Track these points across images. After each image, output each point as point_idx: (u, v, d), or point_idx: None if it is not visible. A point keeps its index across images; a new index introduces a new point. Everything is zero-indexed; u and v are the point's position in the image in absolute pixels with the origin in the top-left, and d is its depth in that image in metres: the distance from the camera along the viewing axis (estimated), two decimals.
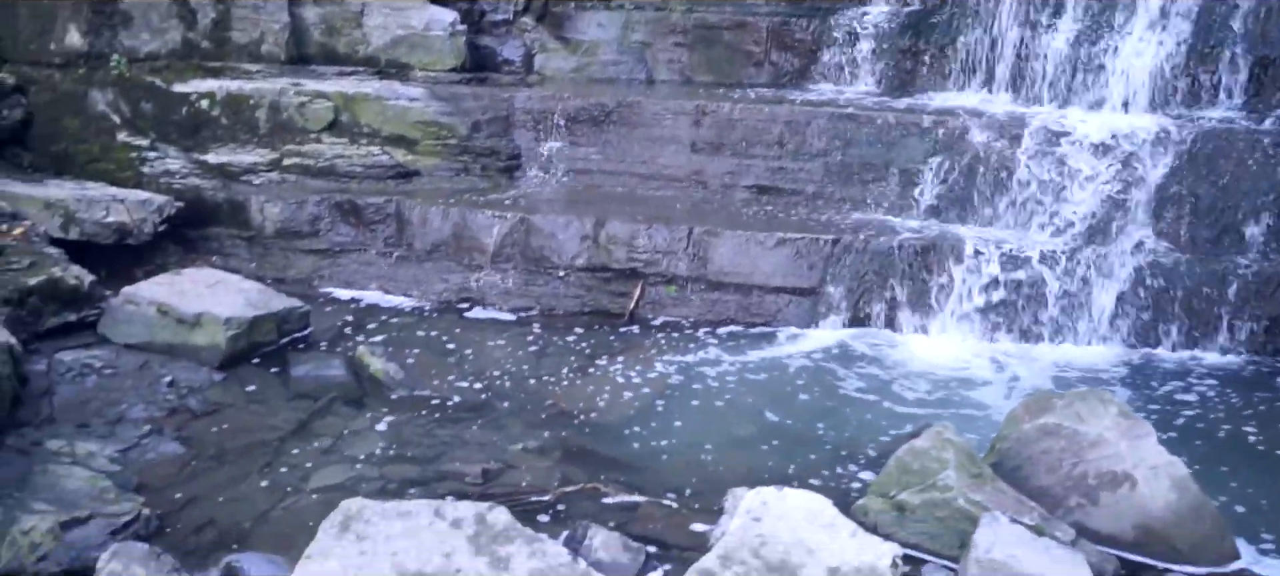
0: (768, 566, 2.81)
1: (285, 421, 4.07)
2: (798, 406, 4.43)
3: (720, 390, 4.58)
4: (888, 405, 4.45)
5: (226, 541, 3.26)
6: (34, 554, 3.02)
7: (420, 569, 2.90)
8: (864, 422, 4.29)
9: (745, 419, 4.31)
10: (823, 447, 4.05)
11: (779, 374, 4.77)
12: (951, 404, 4.48)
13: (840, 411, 4.39)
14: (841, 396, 4.54)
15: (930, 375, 4.75)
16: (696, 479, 3.75)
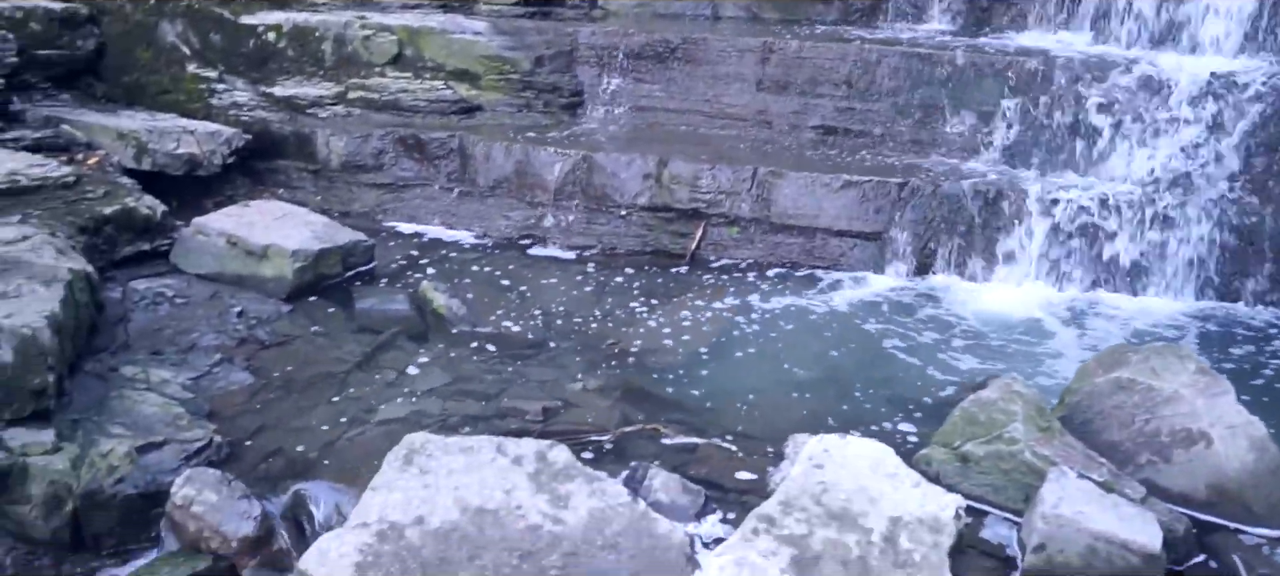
0: (829, 514, 2.79)
1: (350, 354, 4.12)
2: (860, 352, 4.38)
3: (781, 334, 4.54)
4: (953, 354, 4.37)
5: (294, 470, 3.33)
6: (112, 476, 3.12)
7: (482, 504, 2.93)
8: (928, 371, 4.22)
9: (806, 363, 4.27)
10: (885, 395, 4.00)
11: (841, 319, 4.71)
12: (1019, 354, 4.38)
13: (904, 359, 4.32)
14: (905, 343, 4.46)
15: (998, 324, 4.65)
16: (756, 423, 3.73)
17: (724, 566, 2.57)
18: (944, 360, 4.31)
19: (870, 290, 5.02)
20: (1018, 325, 4.66)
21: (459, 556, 2.75)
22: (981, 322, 4.67)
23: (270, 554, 3.03)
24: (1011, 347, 4.45)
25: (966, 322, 4.68)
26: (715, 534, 3.07)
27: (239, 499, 3.04)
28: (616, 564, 2.79)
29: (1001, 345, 4.47)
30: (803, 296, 4.94)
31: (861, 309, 4.81)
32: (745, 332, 4.54)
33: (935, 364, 4.28)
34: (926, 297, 4.94)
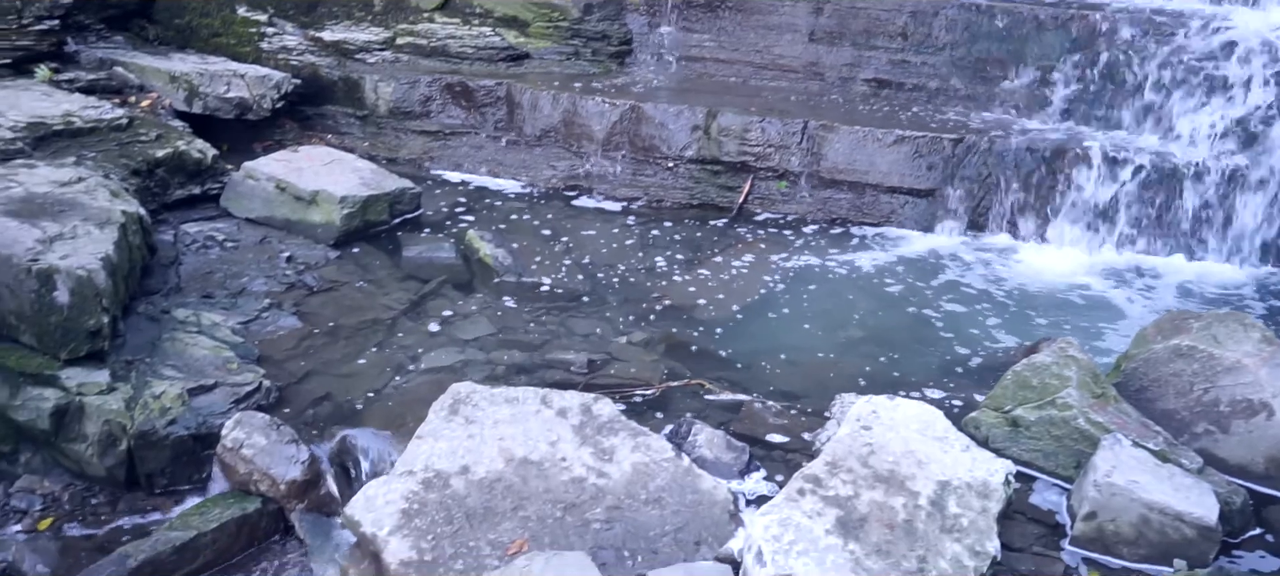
0: (876, 476, 2.76)
1: (397, 301, 4.14)
2: (909, 312, 4.31)
3: (828, 291, 4.48)
4: (1005, 315, 4.28)
5: (341, 415, 3.36)
6: (164, 417, 3.17)
7: (526, 454, 2.94)
8: (979, 332, 4.14)
9: (854, 322, 4.21)
10: (934, 356, 3.94)
11: (891, 277, 4.63)
12: (1073, 318, 4.29)
13: (954, 319, 4.25)
14: (956, 304, 4.38)
15: (1052, 286, 4.55)
16: (802, 381, 3.70)
17: (769, 525, 2.56)
18: (995, 321, 4.23)
19: (921, 248, 4.93)
20: (1073, 287, 4.55)
21: (503, 506, 2.76)
22: (1035, 284, 4.57)
23: (317, 498, 3.06)
24: (1066, 310, 4.35)
25: (1019, 283, 4.58)
26: (758, 492, 3.05)
27: (287, 443, 3.07)
28: (660, 519, 2.79)
29: (1055, 307, 4.37)
30: (851, 253, 4.87)
31: (911, 267, 4.73)
32: (792, 289, 4.49)
33: (986, 325, 4.20)
34: (979, 257, 4.84)
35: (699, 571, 2.53)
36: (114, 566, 2.75)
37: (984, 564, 2.58)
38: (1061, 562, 2.83)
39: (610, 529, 2.75)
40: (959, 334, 4.12)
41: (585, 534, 2.72)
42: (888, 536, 2.59)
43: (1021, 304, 4.39)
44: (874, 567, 2.49)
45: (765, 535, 2.53)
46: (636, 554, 2.69)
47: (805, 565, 2.47)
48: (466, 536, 2.67)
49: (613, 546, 2.70)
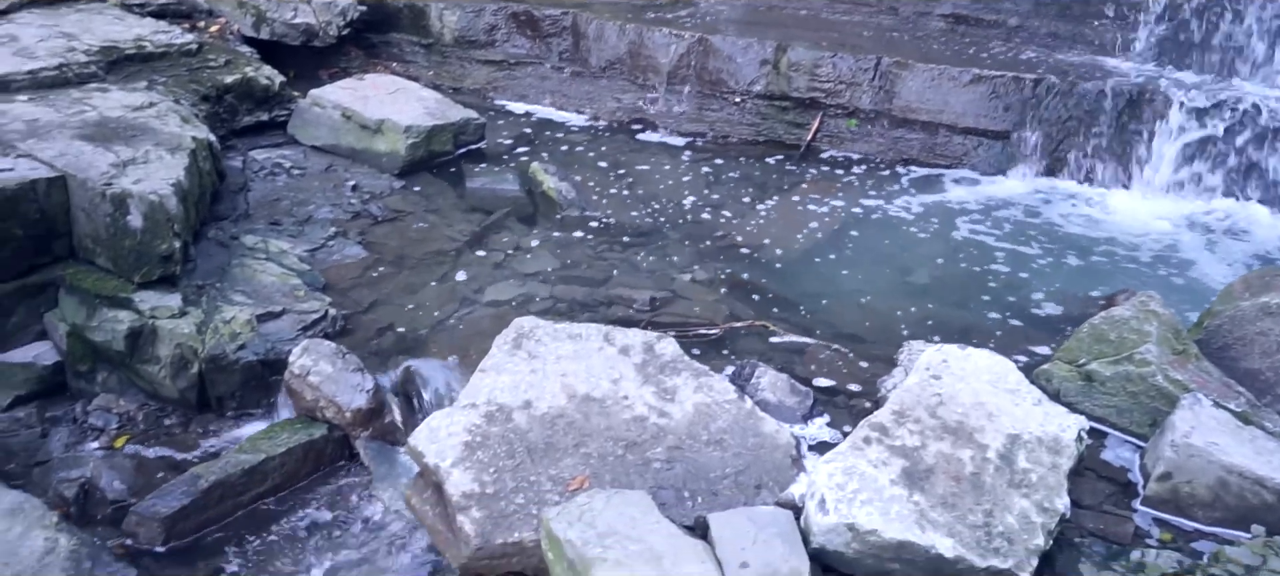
0: (944, 427, 2.70)
1: (460, 233, 4.14)
2: (980, 258, 4.19)
3: (897, 234, 4.38)
4: (1081, 265, 4.15)
5: (405, 346, 3.38)
6: (234, 342, 3.22)
7: (588, 392, 2.93)
8: (1053, 282, 4.02)
9: (922, 266, 4.12)
10: (1005, 304, 3.83)
11: (962, 221, 4.51)
12: (1153, 270, 4.14)
13: (1027, 267, 4.13)
14: (1029, 251, 4.26)
15: (1131, 236, 4.39)
16: (868, 326, 3.63)
17: (833, 473, 2.52)
18: (1071, 271, 4.10)
19: (994, 192, 4.79)
20: (1154, 238, 4.39)
21: (565, 442, 2.77)
22: (1114, 233, 4.41)
23: (381, 426, 3.10)
24: (1146, 262, 4.20)
25: (1098, 232, 4.43)
26: (821, 437, 3.01)
27: (352, 372, 3.11)
28: (721, 460, 2.77)
29: (1135, 259, 4.22)
30: (922, 195, 4.75)
31: (984, 211, 4.59)
32: (860, 230, 4.39)
33: (1061, 275, 4.07)
34: (1055, 203, 4.69)
35: (760, 515, 2.51)
36: (186, 486, 2.82)
37: (1052, 521, 2.52)
38: (1132, 522, 2.76)
39: (671, 469, 2.73)
40: (1032, 283, 4.01)
41: (646, 473, 2.71)
42: (954, 489, 2.54)
43: (1099, 254, 4.25)
44: (939, 520, 2.45)
45: (829, 482, 2.50)
46: (697, 495, 2.68)
47: (868, 514, 2.43)
48: (528, 471, 2.67)
49: (673, 486, 2.69)
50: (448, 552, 2.63)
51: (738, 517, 2.50)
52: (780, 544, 2.41)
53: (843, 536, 2.43)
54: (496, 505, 2.57)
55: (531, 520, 2.54)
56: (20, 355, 3.30)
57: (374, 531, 2.85)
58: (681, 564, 2.34)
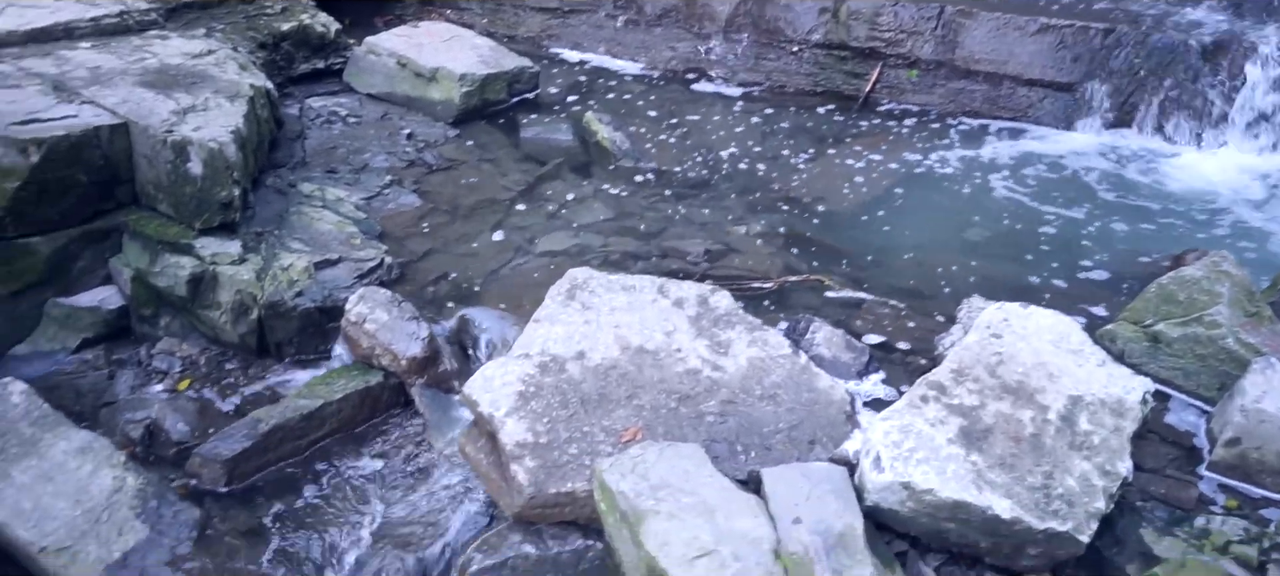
0: (1003, 387, 2.65)
1: (514, 182, 4.13)
2: (1044, 214, 4.09)
3: (958, 188, 4.28)
4: (1149, 222, 4.03)
5: (459, 294, 3.40)
6: (292, 288, 3.25)
7: (642, 344, 2.92)
8: (1120, 240, 3.91)
9: (983, 222, 4.02)
10: (1068, 262, 3.73)
11: (1025, 176, 4.39)
12: (1226, 229, 4.00)
13: (1092, 224, 4.01)
14: (1096, 207, 4.14)
15: (1204, 194, 4.24)
16: (927, 282, 3.56)
17: (889, 431, 2.49)
18: (1139, 229, 3.98)
19: (1060, 146, 4.65)
20: (1227, 196, 4.24)
21: (618, 394, 2.76)
22: (1185, 190, 4.27)
23: (436, 374, 3.12)
24: (1218, 220, 4.06)
25: (1168, 188, 4.29)
26: (876, 394, 2.98)
27: (408, 320, 3.13)
28: (774, 415, 2.75)
29: (1207, 217, 4.08)
30: (985, 149, 4.63)
31: (1049, 166, 4.47)
32: (919, 185, 4.30)
33: (1129, 232, 3.96)
34: (1124, 158, 4.54)
35: (814, 471, 2.49)
36: (247, 429, 2.87)
37: (1113, 484, 2.47)
38: (1196, 488, 2.69)
39: (724, 422, 2.72)
40: (1097, 240, 3.90)
41: (699, 426, 2.70)
42: (1013, 450, 2.49)
43: (1169, 211, 4.12)
44: (996, 480, 2.41)
45: (885, 440, 2.47)
46: (750, 449, 2.67)
47: (924, 473, 2.40)
48: (581, 421, 2.68)
49: (726, 440, 2.68)
50: (501, 500, 2.65)
51: (791, 473, 2.49)
52: (834, 500, 2.39)
53: (898, 494, 2.40)
54: (550, 455, 2.59)
55: (584, 470, 2.55)
56: (87, 299, 3.38)
57: (428, 478, 2.88)
58: (734, 517, 2.33)
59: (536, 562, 2.52)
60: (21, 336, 3.31)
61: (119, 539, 2.56)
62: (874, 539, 2.39)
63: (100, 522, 2.59)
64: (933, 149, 4.62)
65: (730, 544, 2.26)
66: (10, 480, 2.65)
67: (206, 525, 2.66)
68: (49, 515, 2.59)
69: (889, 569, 2.36)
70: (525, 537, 2.55)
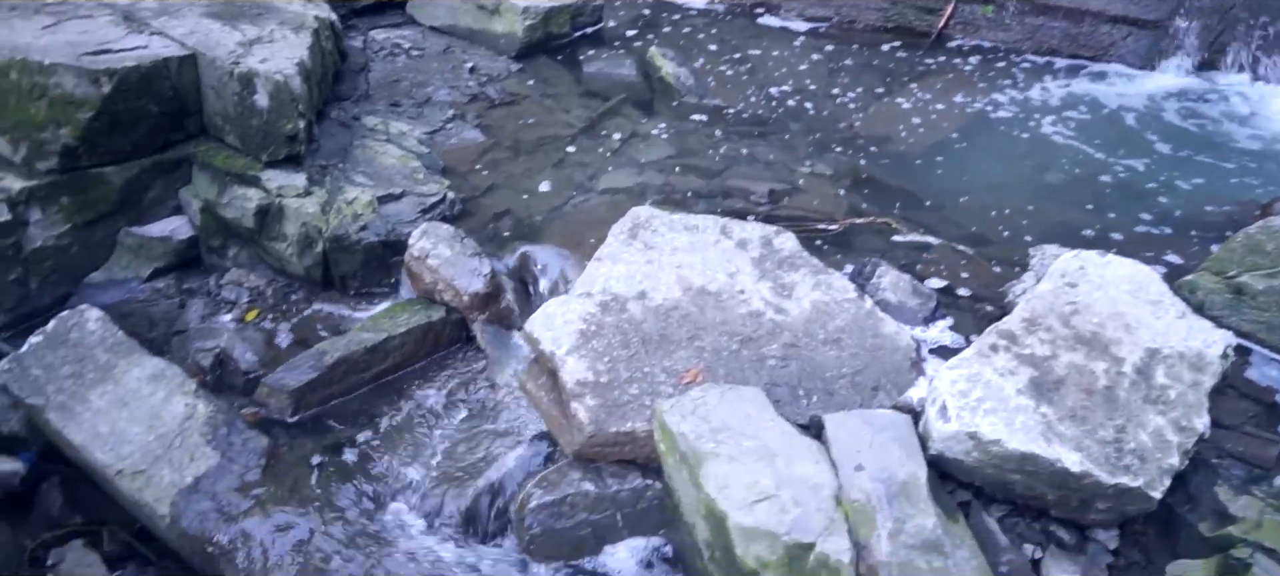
0: (1077, 337, 2.57)
1: (577, 118, 4.09)
2: (1124, 158, 3.93)
3: (1034, 130, 4.14)
4: (1235, 169, 3.85)
5: (521, 231, 3.39)
6: (356, 222, 3.27)
7: (704, 285, 2.89)
8: (1203, 187, 3.75)
9: (1060, 166, 3.89)
10: (1148, 209, 3.60)
11: (1106, 117, 4.22)
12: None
13: (1175, 169, 3.85)
14: (1179, 152, 3.97)
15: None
16: (998, 227, 3.46)
17: (956, 380, 2.44)
18: (1225, 175, 3.82)
19: (1143, 87, 4.46)
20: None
21: (679, 335, 2.74)
22: (1275, 135, 4.07)
23: (498, 310, 3.13)
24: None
25: (1257, 133, 4.09)
26: (942, 341, 2.91)
27: (470, 256, 3.13)
28: (837, 360, 2.71)
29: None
30: (1063, 88, 4.46)
31: (1131, 107, 4.29)
32: (992, 125, 4.17)
33: (1213, 179, 3.79)
34: (1210, 100, 4.34)
35: (877, 418, 2.45)
36: (312, 361, 2.92)
37: (1189, 440, 2.39)
38: (1276, 445, 2.60)
39: (786, 366, 2.69)
40: (1179, 187, 3.75)
41: (760, 369, 2.68)
42: (1084, 402, 2.43)
43: (1259, 157, 3.93)
44: (1066, 433, 2.35)
45: (952, 389, 2.42)
46: (812, 394, 2.64)
47: (991, 424, 2.35)
48: (642, 361, 2.67)
49: (787, 383, 2.65)
50: (561, 438, 2.66)
51: (854, 419, 2.46)
52: (897, 448, 2.36)
53: (963, 445, 2.36)
54: (610, 394, 2.58)
55: (645, 411, 2.54)
56: (158, 229, 3.44)
57: (488, 413, 2.90)
58: (795, 463, 2.31)
59: (595, 500, 2.54)
60: (96, 265, 3.38)
61: (191, 464, 2.63)
62: (937, 488, 2.36)
63: (173, 448, 2.66)
64: (1006, 88, 4.46)
65: (790, 489, 2.25)
66: (88, 404, 2.73)
67: (274, 453, 2.72)
68: (124, 439, 2.66)
69: (952, 519, 2.33)
70: (584, 475, 2.56)
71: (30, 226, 3.21)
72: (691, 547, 2.43)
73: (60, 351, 2.82)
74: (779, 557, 2.17)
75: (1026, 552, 2.46)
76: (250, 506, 2.56)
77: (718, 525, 2.24)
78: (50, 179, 3.25)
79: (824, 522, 2.19)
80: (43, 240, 3.24)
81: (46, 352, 2.82)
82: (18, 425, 2.78)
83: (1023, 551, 2.45)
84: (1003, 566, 2.38)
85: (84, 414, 2.71)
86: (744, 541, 2.19)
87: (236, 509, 2.55)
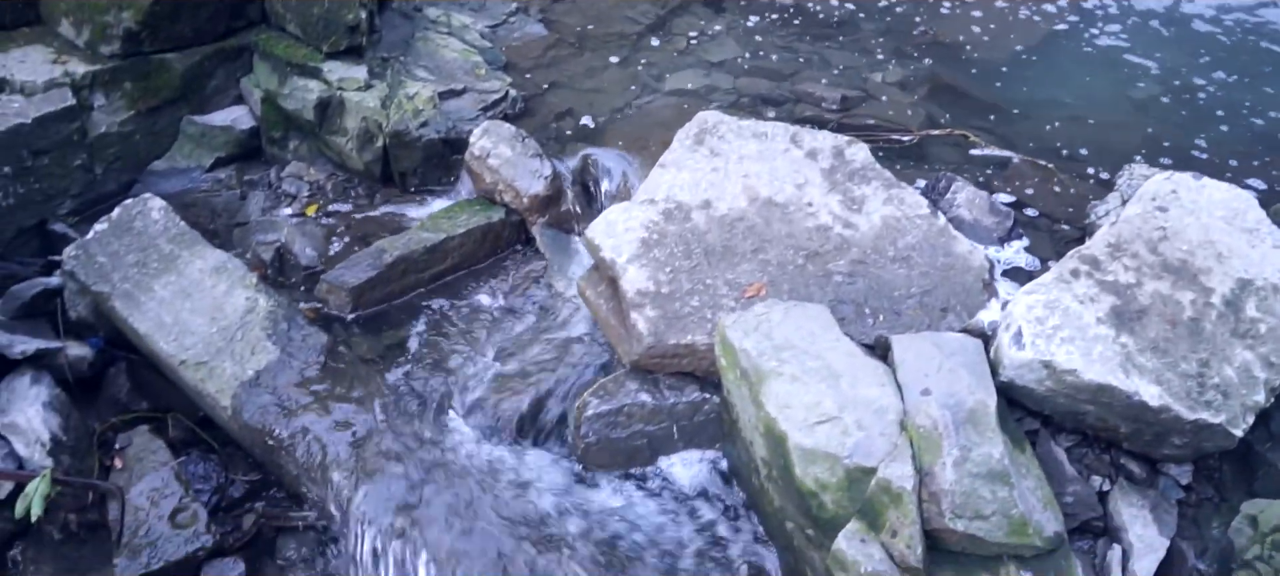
0: (1164, 265, 2.44)
1: (643, 15, 3.95)
2: (1225, 72, 3.70)
3: (1123, 40, 3.90)
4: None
5: (583, 132, 3.31)
6: (417, 118, 3.22)
7: (771, 196, 2.80)
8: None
9: (1149, 78, 3.67)
10: (1250, 130, 3.39)
11: (1199, 28, 3.97)
12: None
13: (1276, 84, 3.61)
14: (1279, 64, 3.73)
15: None
16: (1083, 143, 3.29)
17: (1033, 305, 2.33)
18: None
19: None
20: None
21: (743, 247, 2.67)
22: None
23: (558, 214, 3.08)
24: None
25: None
26: (1017, 263, 2.80)
27: (532, 156, 3.07)
28: (906, 279, 2.62)
29: None
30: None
31: (1238, 17, 4.02)
32: (1078, 34, 3.94)
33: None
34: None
35: (947, 342, 2.36)
36: (371, 259, 2.90)
37: (1277, 377, 2.27)
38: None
39: (852, 283, 2.60)
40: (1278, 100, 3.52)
41: (826, 285, 2.59)
42: (1168, 333, 2.31)
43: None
44: (1146, 365, 2.25)
45: (1028, 315, 2.32)
46: (878, 313, 2.55)
47: (1068, 353, 2.25)
48: (704, 273, 2.60)
49: (853, 301, 2.57)
50: (619, 347, 2.62)
51: (922, 342, 2.37)
52: (966, 374, 2.27)
53: (1037, 373, 2.27)
54: (671, 305, 2.53)
55: (706, 324, 2.48)
56: (220, 118, 3.42)
57: (546, 318, 2.87)
58: (859, 385, 2.25)
59: (651, 411, 2.51)
60: (159, 153, 3.39)
61: (252, 358, 2.64)
62: (1005, 416, 2.28)
63: (234, 341, 2.67)
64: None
65: (854, 411, 2.19)
66: (152, 294, 2.75)
67: (333, 350, 2.72)
68: (187, 330, 2.68)
69: (1019, 448, 2.26)
70: (641, 386, 2.53)
71: (94, 111, 3.21)
72: (747, 464, 2.39)
73: (125, 239, 2.84)
74: (838, 480, 2.12)
75: (1094, 484, 2.39)
76: (309, 402, 2.58)
77: (777, 445, 2.20)
78: (113, 64, 3.23)
79: (887, 447, 2.14)
80: (107, 126, 3.24)
81: (112, 240, 2.83)
82: (85, 311, 2.82)
83: (1090, 483, 2.38)
84: (1068, 497, 2.31)
85: (148, 303, 2.73)
86: (804, 462, 2.14)
87: (296, 404, 2.57)
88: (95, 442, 2.72)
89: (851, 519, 2.11)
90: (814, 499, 2.13)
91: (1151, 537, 2.31)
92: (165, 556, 2.49)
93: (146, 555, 2.49)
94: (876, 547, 2.07)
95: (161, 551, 2.50)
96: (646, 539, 2.41)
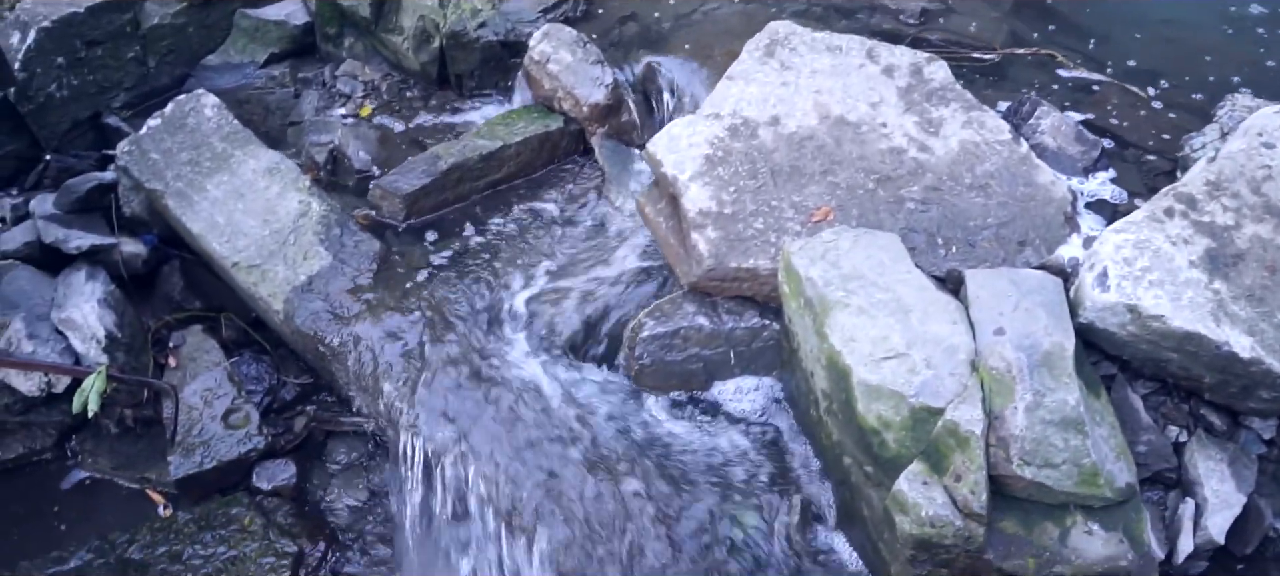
0: (1267, 207, 2.27)
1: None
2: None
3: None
4: None
5: (647, 39, 3.17)
6: (475, 19, 3.11)
7: (843, 114, 2.65)
8: None
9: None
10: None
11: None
12: None
13: None
14: None
15: None
16: (1180, 68, 3.07)
17: (1121, 245, 2.19)
18: None
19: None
20: None
21: (812, 168, 2.54)
22: None
23: (618, 124, 2.97)
24: None
25: None
26: (1102, 195, 2.63)
27: (593, 64, 2.95)
28: (983, 208, 2.48)
29: None
30: None
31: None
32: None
33: None
34: None
35: (1024, 279, 2.24)
36: (426, 165, 2.83)
37: None
38: None
39: (926, 211, 2.48)
40: None
41: (898, 212, 2.47)
42: (1266, 281, 2.16)
43: None
44: (1239, 314, 2.11)
45: (1115, 255, 2.18)
46: (951, 244, 2.43)
47: (1155, 298, 2.12)
48: (769, 194, 2.49)
49: (925, 230, 2.44)
50: (677, 267, 2.54)
51: (999, 278, 2.25)
52: (1044, 315, 2.15)
53: (1120, 317, 2.14)
54: (734, 227, 2.43)
55: (769, 248, 2.38)
56: (274, 12, 3.34)
57: (602, 233, 2.79)
58: (930, 321, 2.14)
59: (708, 336, 2.43)
60: (212, 46, 3.33)
61: (304, 262, 2.61)
62: (1082, 359, 2.17)
63: (287, 245, 2.63)
64: None
65: (923, 349, 2.09)
66: (205, 193, 2.71)
67: (385, 258, 2.67)
68: (240, 231, 2.65)
69: (1094, 393, 2.15)
70: (699, 309, 2.45)
71: (147, 2, 3.14)
72: (805, 395, 2.32)
73: (178, 137, 2.80)
74: (902, 419, 2.04)
75: (1170, 434, 2.28)
76: (361, 310, 2.54)
77: (839, 378, 2.11)
78: None
79: (956, 388, 2.04)
80: (159, 17, 3.17)
81: (165, 137, 2.79)
82: (139, 208, 2.79)
83: (1166, 433, 2.27)
84: (1141, 446, 2.21)
85: (201, 202, 2.70)
86: (867, 399, 2.06)
87: (348, 311, 2.54)
88: (149, 340, 2.72)
89: (914, 460, 2.03)
90: (876, 437, 2.05)
91: (1228, 493, 2.21)
92: (218, 456, 2.51)
93: (200, 454, 2.50)
94: (939, 491, 1.99)
95: (214, 451, 2.51)
96: (698, 463, 2.36)
